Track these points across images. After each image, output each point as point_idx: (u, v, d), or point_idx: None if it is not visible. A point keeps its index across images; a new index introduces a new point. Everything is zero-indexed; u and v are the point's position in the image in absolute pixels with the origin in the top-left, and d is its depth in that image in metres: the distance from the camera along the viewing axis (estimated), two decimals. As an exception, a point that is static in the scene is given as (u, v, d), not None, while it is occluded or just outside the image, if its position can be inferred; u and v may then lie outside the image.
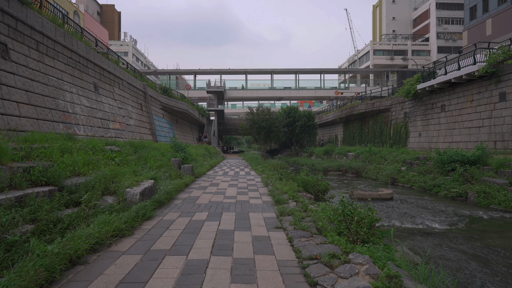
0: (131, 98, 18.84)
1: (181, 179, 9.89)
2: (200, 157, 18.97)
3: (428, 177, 14.13)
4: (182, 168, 11.51)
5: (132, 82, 19.09)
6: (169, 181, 8.34)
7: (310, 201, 8.09)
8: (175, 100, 28.71)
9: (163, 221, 5.36)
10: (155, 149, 11.86)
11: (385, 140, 27.77)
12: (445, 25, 67.23)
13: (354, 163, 21.67)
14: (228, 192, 8.73)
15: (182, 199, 7.50)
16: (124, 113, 16.82)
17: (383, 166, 18.70)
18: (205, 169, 14.65)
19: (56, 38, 11.14)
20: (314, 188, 9.15)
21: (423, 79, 21.70)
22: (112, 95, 15.75)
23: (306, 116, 41.23)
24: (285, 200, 7.11)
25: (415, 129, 23.57)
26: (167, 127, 27.00)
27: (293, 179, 10.85)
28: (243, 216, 5.84)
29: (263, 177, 12.24)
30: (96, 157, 7.07)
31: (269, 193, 8.58)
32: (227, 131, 61.30)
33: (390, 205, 10.67)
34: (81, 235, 3.64)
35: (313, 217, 5.46)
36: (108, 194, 5.61)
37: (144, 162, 9.04)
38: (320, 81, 60.33)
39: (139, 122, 19.27)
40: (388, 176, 16.44)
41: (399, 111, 26.11)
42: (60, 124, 10.37)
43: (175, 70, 58.23)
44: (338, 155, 28.53)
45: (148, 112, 21.68)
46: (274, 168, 15.49)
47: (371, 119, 31.25)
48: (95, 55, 14.22)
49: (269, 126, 22.05)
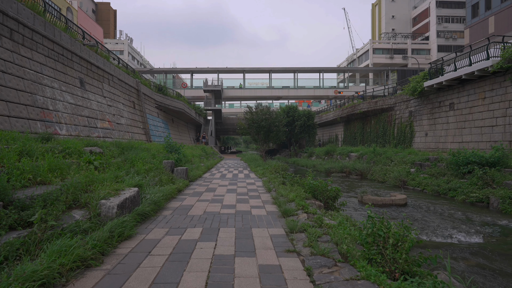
0: (123, 95, 17.72)
1: (173, 184, 8.81)
2: (196, 158, 17.88)
3: (442, 180, 13.12)
4: (175, 171, 10.42)
5: (123, 78, 17.96)
6: (159, 187, 7.25)
7: (320, 210, 7.04)
8: (170, 98, 27.58)
9: (145, 242, 4.27)
10: (145, 150, 10.77)
11: (389, 140, 26.79)
12: (445, 24, 66.51)
13: (358, 164, 20.66)
14: (226, 200, 7.65)
15: (172, 209, 6.42)
16: (115, 111, 15.70)
17: (390, 167, 17.69)
18: (201, 172, 13.56)
19: (34, 27, 10.01)
20: (323, 194, 8.10)
21: (430, 76, 20.71)
22: (101, 92, 14.62)
23: (306, 115, 40.24)
24: (293, 211, 6.04)
25: (421, 128, 22.60)
26: (162, 126, 25.87)
27: (298, 183, 9.80)
28: (245, 234, 4.77)
29: (264, 180, 11.17)
30: (68, 160, 5.97)
31: (273, 201, 7.51)
32: (224, 131, 60.20)
33: (404, 211, 9.64)
34: (19, 276, 2.56)
35: (333, 236, 4.40)
36: (77, 207, 4.52)
37: (130, 165, 7.95)
38: (319, 80, 59.38)
39: (132, 121, 18.15)
40: (396, 178, 15.43)
41: (403, 110, 25.13)
42: (38, 122, 9.25)
43: (172, 69, 57.01)
44: (340, 156, 27.52)
45: (141, 111, 20.55)
46: (276, 170, 14.44)
47: (373, 118, 30.26)
48: (81, 48, 13.09)
49: (269, 126, 20.99)
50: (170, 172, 10.08)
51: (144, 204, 5.59)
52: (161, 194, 6.64)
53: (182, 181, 9.67)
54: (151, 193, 6.37)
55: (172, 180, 9.12)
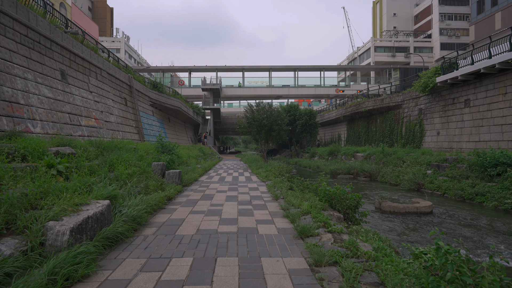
0: (113, 91, 16.31)
1: (162, 191, 7.42)
2: (192, 159, 16.49)
3: (465, 184, 11.77)
4: (167, 175, 9.03)
5: (114, 73, 16.56)
6: (143, 196, 5.87)
7: (341, 224, 5.68)
8: (166, 96, 26.16)
9: (107, 287, 2.90)
10: (132, 150, 9.38)
11: (396, 140, 25.45)
12: (448, 21, 65.34)
13: (366, 165, 19.30)
14: (226, 211, 6.28)
15: (157, 226, 5.03)
16: (103, 108, 14.30)
17: (402, 169, 16.33)
18: (197, 174, 12.17)
19: (2, 7, 8.61)
20: (342, 203, 6.73)
21: (443, 71, 19.37)
22: (87, 86, 13.22)
23: (307, 114, 38.88)
24: (312, 229, 4.67)
25: (432, 127, 21.26)
26: (157, 125, 24.46)
27: (309, 188, 8.43)
28: (253, 269, 3.38)
29: (268, 185, 9.80)
30: (19, 164, 4.58)
31: (283, 213, 6.14)
32: (223, 131, 58.81)
33: (434, 223, 8.28)
34: None
35: (381, 275, 3.04)
36: (11, 233, 3.14)
37: (108, 169, 6.56)
38: (320, 79, 58.09)
39: (123, 119, 16.75)
40: (411, 181, 14.07)
41: (412, 108, 23.79)
42: (4, 118, 7.85)
43: (169, 67, 55.53)
44: (345, 156, 26.16)
45: (134, 108, 19.15)
46: (280, 172, 13.07)
47: (379, 116, 28.93)
48: (63, 36, 11.68)
49: (271, 124, 19.61)
50: (160, 177, 8.69)
51: (116, 222, 4.20)
52: (143, 205, 5.26)
53: (174, 186, 8.29)
54: (130, 206, 4.98)
55: (162, 186, 7.74)
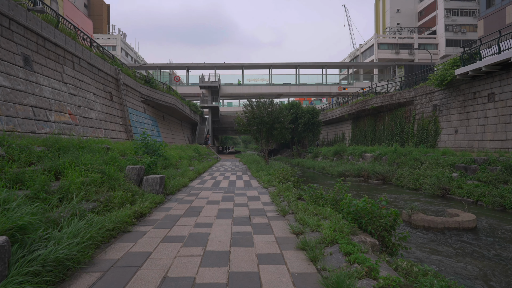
0: (95, 84, 14.48)
1: (133, 204, 5.59)
2: (184, 160, 14.64)
3: (504, 189, 9.94)
4: (145, 181, 7.19)
5: (96, 63, 14.72)
6: (95, 216, 4.04)
7: (378, 256, 3.87)
8: (160, 92, 24.30)
9: None
10: (101, 151, 7.54)
11: (407, 139, 23.61)
12: (454, 17, 63.55)
13: (377, 167, 17.46)
14: (215, 236, 4.43)
15: (101, 271, 3.19)
16: (81, 102, 12.46)
17: (421, 171, 14.49)
18: (187, 179, 10.33)
19: None
20: (375, 222, 4.89)
21: (463, 62, 17.53)
22: (60, 77, 11.38)
23: (310, 112, 37.04)
24: (351, 278, 2.85)
25: (449, 124, 19.42)
26: (149, 123, 22.62)
27: (324, 199, 6.59)
28: None
29: (272, 192, 7.97)
30: None
31: (296, 241, 4.28)
32: (222, 130, 57.00)
33: (485, 243, 6.44)
34: None
35: None
36: None
37: (51, 177, 4.72)
38: (322, 76, 56.28)
39: (107, 116, 14.91)
40: (435, 185, 12.23)
41: (425, 104, 21.95)
42: None
43: (166, 64, 53.59)
44: (352, 156, 24.31)
45: (121, 104, 17.31)
46: (284, 176, 11.23)
47: (387, 114, 27.09)
48: (28, 16, 9.85)
49: (272, 122, 17.75)
50: (135, 184, 6.86)
51: (14, 276, 2.37)
52: (89, 234, 3.44)
53: (152, 197, 6.45)
54: (60, 238, 3.16)
55: (133, 198, 5.90)
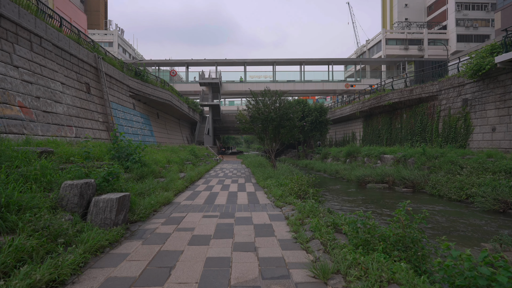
0: (66, 72, 11.88)
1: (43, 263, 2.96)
2: (175, 165, 11.99)
3: None
4: (93, 205, 4.55)
5: (67, 47, 12.12)
6: None
7: None
8: (152, 86, 21.67)
9: None
10: (31, 156, 4.91)
11: (430, 138, 20.91)
12: (465, 11, 60.78)
13: (404, 171, 14.77)
14: None
15: None
16: (41, 93, 9.86)
17: (464, 177, 11.79)
18: (172, 192, 7.69)
19: None
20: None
21: (506, 47, 14.83)
22: (8, 58, 8.78)
23: (318, 110, 34.38)
24: None
25: (485, 121, 16.70)
26: (140, 121, 20.02)
27: (384, 237, 3.96)
28: None
29: (291, 219, 5.31)
30: None
31: None
32: (224, 130, 54.40)
33: None
34: None
35: None
36: None
37: None
38: (328, 73, 53.56)
39: (81, 111, 12.31)
40: (490, 197, 9.54)
41: (453, 98, 19.22)
42: None
43: (165, 61, 50.85)
44: (368, 158, 21.62)
45: (102, 98, 14.70)
46: (300, 187, 8.57)
47: (405, 111, 24.37)
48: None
49: (280, 119, 15.14)
50: (77, 213, 4.23)
51: None
52: None
53: (97, 236, 3.82)
54: None
55: (53, 245, 3.27)
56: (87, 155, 5.70)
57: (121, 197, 4.84)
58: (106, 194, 4.97)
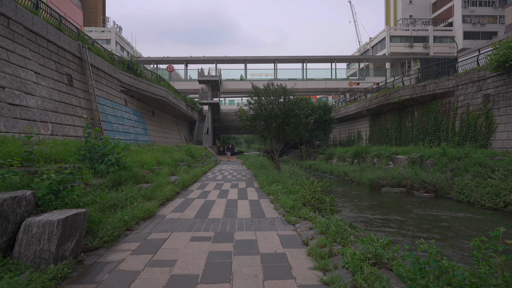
0: (41, 60, 10.37)
1: None
2: (166, 167, 10.48)
3: None
4: (24, 232, 3.06)
5: (44, 33, 10.63)
6: None
7: None
8: (146, 81, 20.15)
9: None
10: None
11: (446, 137, 19.38)
12: (472, 8, 59.23)
13: (424, 174, 13.24)
14: None
15: None
16: (7, 83, 8.37)
17: (497, 181, 10.27)
18: (157, 202, 6.20)
19: None
20: None
21: (537, 36, 13.30)
22: (-38, 39, 7.28)
23: (322, 108, 32.88)
24: None
25: (510, 119, 15.18)
26: (132, 119, 18.51)
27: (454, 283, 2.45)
28: None
29: (313, 247, 3.80)
30: None
31: None
32: (224, 129, 52.95)
33: None
34: None
35: None
36: None
37: None
38: (331, 71, 52.02)
39: (59, 105, 10.81)
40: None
41: (472, 94, 17.69)
42: None
43: (163, 58, 49.30)
44: (378, 159, 20.10)
45: (87, 92, 13.20)
46: (313, 195, 7.05)
47: (417, 108, 22.84)
48: None
49: (285, 116, 13.59)
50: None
51: None
52: None
53: (25, 280, 2.33)
54: None
55: None
56: (28, 156, 4.19)
57: (68, 217, 3.33)
58: (49, 212, 3.46)
